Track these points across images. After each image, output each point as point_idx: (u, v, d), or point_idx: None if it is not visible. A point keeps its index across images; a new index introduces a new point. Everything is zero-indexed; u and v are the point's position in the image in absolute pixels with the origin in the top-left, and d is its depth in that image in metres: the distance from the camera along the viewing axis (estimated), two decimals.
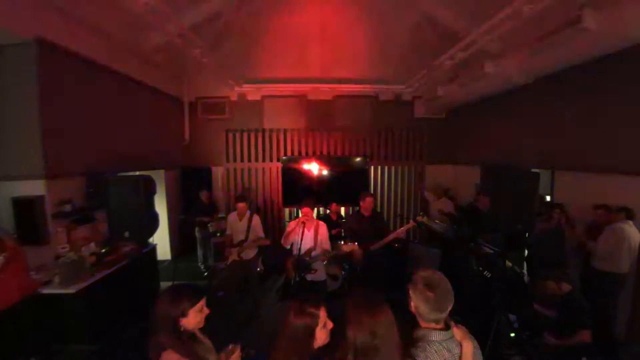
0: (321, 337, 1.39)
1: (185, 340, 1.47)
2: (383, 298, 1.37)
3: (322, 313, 1.39)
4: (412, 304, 1.44)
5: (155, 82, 5.99)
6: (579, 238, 3.91)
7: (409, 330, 1.47)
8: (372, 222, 3.85)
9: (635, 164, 3.51)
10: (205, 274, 5.84)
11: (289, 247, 3.53)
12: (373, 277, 3.58)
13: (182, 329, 1.47)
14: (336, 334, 1.40)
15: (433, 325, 1.41)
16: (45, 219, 3.56)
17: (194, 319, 1.49)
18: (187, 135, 7.30)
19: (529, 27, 4.05)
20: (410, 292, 1.44)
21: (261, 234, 4.12)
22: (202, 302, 1.53)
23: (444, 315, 1.40)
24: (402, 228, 3.81)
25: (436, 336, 1.38)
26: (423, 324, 1.43)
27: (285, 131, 7.15)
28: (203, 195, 6.05)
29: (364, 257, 3.66)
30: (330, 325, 1.42)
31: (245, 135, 7.03)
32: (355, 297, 1.42)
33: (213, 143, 7.38)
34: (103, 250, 4.03)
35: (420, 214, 4.07)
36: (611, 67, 3.74)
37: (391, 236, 3.73)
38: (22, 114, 3.53)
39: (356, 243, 3.56)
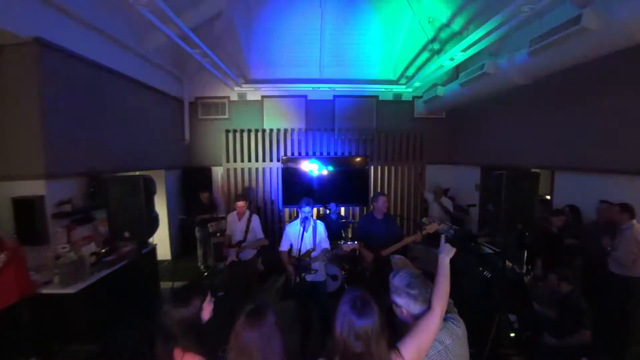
0: None
1: (204, 336, 1.50)
2: (374, 302, 1.34)
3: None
4: (402, 310, 1.48)
5: (155, 82, 5.99)
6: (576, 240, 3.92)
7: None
8: (385, 225, 3.69)
9: (635, 164, 3.51)
10: (205, 274, 5.84)
11: (287, 250, 3.52)
12: (382, 282, 3.52)
13: (202, 325, 1.52)
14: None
15: None
16: (45, 219, 3.56)
17: (207, 310, 1.57)
18: (187, 135, 7.30)
19: (529, 27, 4.07)
20: (395, 298, 1.49)
21: (260, 234, 4.11)
22: (209, 293, 1.62)
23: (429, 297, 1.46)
24: (413, 236, 3.54)
25: None
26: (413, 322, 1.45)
27: (285, 131, 7.15)
28: (203, 195, 6.06)
29: (374, 261, 3.62)
30: None
31: (245, 135, 7.03)
32: (346, 297, 1.38)
33: (213, 143, 7.38)
34: (103, 250, 4.03)
35: (423, 221, 3.88)
36: (611, 67, 3.74)
37: (403, 242, 3.53)
38: (22, 114, 3.53)
39: (356, 242, 3.53)
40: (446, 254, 1.56)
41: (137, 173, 4.45)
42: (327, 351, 1.35)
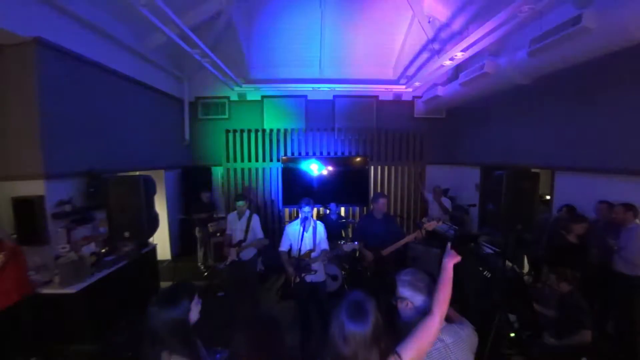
0: None
1: (193, 341, 1.47)
2: (372, 309, 1.30)
3: None
4: (407, 303, 1.51)
5: (155, 82, 5.99)
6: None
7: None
8: (385, 225, 3.72)
9: (635, 163, 3.50)
10: (205, 274, 5.84)
11: (287, 250, 3.52)
12: (383, 281, 3.54)
13: (190, 327, 1.48)
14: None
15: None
16: (45, 219, 3.56)
17: (195, 312, 1.53)
18: (187, 135, 7.30)
19: (529, 27, 4.06)
20: (401, 291, 1.53)
21: (260, 234, 4.11)
22: (196, 294, 1.56)
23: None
24: (412, 234, 3.57)
25: None
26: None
27: (285, 131, 7.15)
28: (204, 195, 6.06)
29: (375, 261, 3.61)
30: None
31: (245, 135, 7.03)
32: (345, 299, 1.36)
33: (213, 143, 7.38)
34: (103, 250, 4.03)
35: (423, 221, 3.85)
36: (611, 67, 3.74)
37: (403, 241, 3.57)
38: (22, 114, 3.53)
39: (356, 242, 3.53)
40: (450, 259, 1.55)
41: (137, 173, 4.46)
42: (324, 350, 1.35)
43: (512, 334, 3.35)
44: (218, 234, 5.56)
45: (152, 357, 1.39)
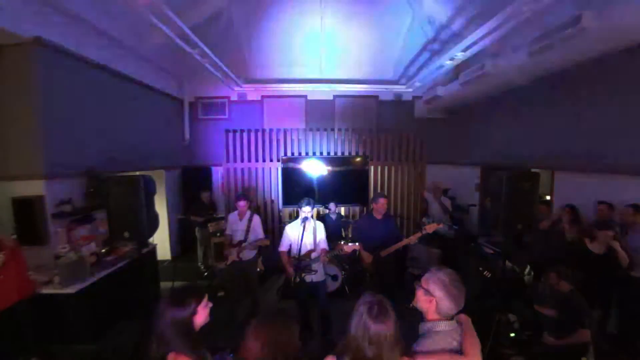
0: None
1: (196, 340, 1.49)
2: (391, 309, 1.34)
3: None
4: (431, 300, 1.46)
5: (155, 82, 5.99)
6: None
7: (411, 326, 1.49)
8: (384, 226, 3.70)
9: (635, 164, 3.50)
10: (205, 274, 5.84)
11: (286, 250, 3.52)
12: (382, 282, 3.54)
13: (194, 329, 1.50)
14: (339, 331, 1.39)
15: (440, 317, 1.46)
16: (45, 219, 3.56)
17: (202, 314, 1.54)
18: (187, 135, 7.30)
19: (529, 27, 4.06)
20: (433, 288, 1.47)
21: (261, 234, 4.11)
22: (206, 297, 1.58)
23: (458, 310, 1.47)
24: (413, 236, 3.53)
25: (442, 326, 1.45)
26: (432, 316, 1.47)
27: (285, 131, 7.15)
28: (204, 195, 6.06)
29: (374, 262, 3.61)
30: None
31: (245, 135, 7.02)
32: (364, 300, 1.38)
33: (213, 143, 7.38)
34: (103, 250, 4.03)
35: (424, 221, 3.82)
36: (611, 67, 3.74)
37: (403, 242, 3.56)
38: (22, 114, 3.53)
39: (357, 243, 3.52)
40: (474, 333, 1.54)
41: (137, 173, 4.45)
42: (339, 348, 1.36)
43: (512, 334, 3.35)
44: (218, 234, 5.56)
45: (157, 355, 1.41)
